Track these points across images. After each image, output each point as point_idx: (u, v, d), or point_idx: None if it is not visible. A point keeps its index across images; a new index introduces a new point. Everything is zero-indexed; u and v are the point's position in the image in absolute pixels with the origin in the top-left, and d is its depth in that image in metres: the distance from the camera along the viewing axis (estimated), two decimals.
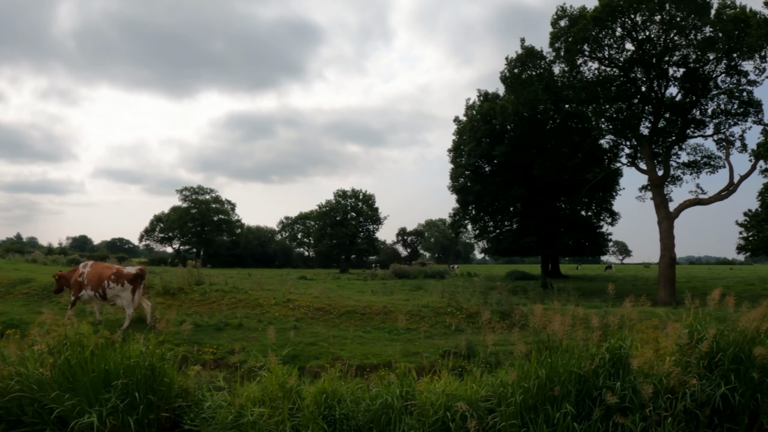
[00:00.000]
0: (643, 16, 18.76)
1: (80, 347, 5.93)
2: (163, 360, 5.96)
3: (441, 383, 5.71)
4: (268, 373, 5.63)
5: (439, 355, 7.99)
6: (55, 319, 6.91)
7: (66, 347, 5.97)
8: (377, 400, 5.43)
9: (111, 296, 9.30)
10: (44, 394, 5.59)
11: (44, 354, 6.14)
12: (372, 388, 5.61)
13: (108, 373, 5.63)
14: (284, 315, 9.98)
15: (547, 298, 14.36)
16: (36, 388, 5.61)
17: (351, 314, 10.07)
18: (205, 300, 11.27)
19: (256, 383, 5.64)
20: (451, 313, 10.26)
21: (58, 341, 6.09)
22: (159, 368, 5.82)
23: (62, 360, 5.76)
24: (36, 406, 5.56)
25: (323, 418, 5.46)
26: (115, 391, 5.47)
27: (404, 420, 5.32)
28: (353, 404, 5.48)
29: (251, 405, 5.37)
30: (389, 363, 7.45)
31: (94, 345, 6.01)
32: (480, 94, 23.76)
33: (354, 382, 5.84)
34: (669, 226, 18.90)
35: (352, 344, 8.43)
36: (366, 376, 7.10)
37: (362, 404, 5.48)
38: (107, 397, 5.44)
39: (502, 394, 5.61)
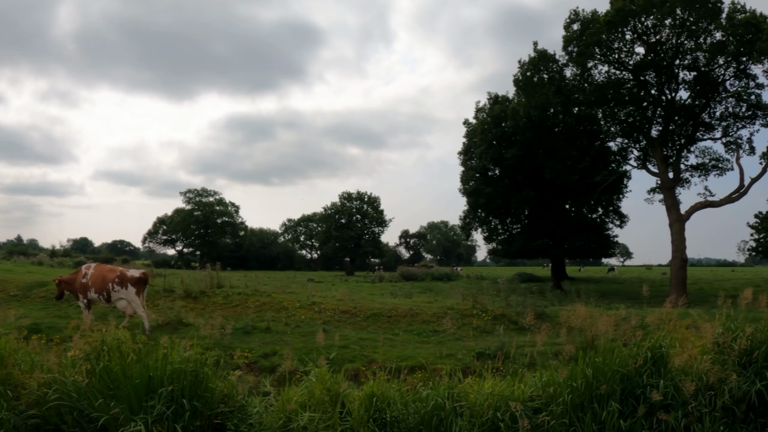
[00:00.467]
0: (654, 20, 18.92)
1: (119, 353, 5.78)
2: (206, 365, 5.94)
3: (488, 384, 5.79)
4: (315, 377, 5.65)
5: (473, 357, 8.04)
6: (90, 325, 6.89)
7: (104, 353, 5.83)
8: (429, 402, 5.48)
9: (115, 299, 9.21)
10: (85, 402, 5.42)
11: (80, 360, 5.92)
12: (422, 390, 5.66)
13: (151, 380, 5.48)
14: (310, 318, 10.00)
15: (565, 300, 14.45)
16: (76, 396, 5.44)
17: (377, 317, 10.10)
18: (228, 303, 11.27)
19: (304, 387, 5.65)
20: (476, 315, 10.30)
21: (95, 347, 5.91)
22: (203, 374, 5.68)
23: (102, 366, 5.60)
24: (75, 414, 5.42)
25: (373, 421, 5.51)
26: (159, 398, 5.32)
27: (455, 421, 5.38)
28: (403, 407, 5.52)
29: (300, 410, 5.39)
30: (424, 365, 7.49)
31: (134, 351, 5.89)
32: (490, 96, 23.93)
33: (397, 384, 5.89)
34: (680, 228, 19.00)
35: (383, 347, 8.46)
36: (403, 379, 7.14)
37: (412, 406, 5.53)
38: (152, 404, 5.27)
39: (552, 394, 5.72)
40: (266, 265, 64.32)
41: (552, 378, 5.92)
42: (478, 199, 22.80)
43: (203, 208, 59.38)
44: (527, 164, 21.50)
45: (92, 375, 5.63)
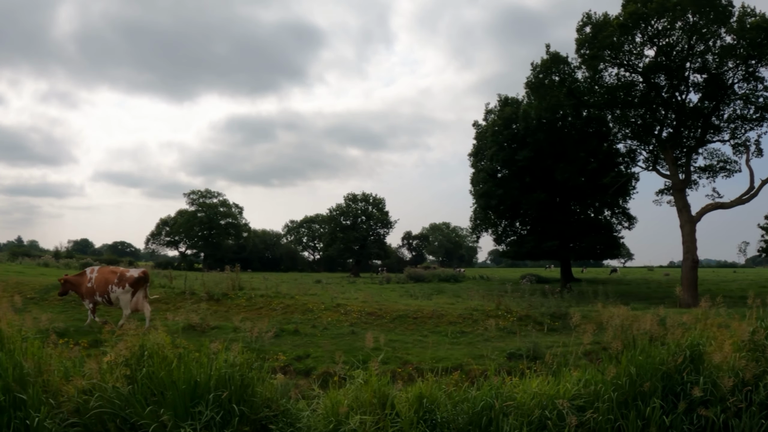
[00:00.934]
0: (666, 23, 19.07)
1: (160, 358, 5.66)
2: (252, 369, 5.91)
3: (535, 383, 5.89)
4: (362, 379, 5.68)
5: (505, 357, 8.11)
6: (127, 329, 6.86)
7: (145, 358, 5.68)
8: (478, 402, 5.55)
9: (114, 299, 9.29)
10: (128, 409, 5.28)
11: (120, 366, 5.77)
12: (470, 390, 5.72)
13: (197, 385, 5.36)
14: (337, 320, 10.04)
15: (582, 300, 14.51)
16: (118, 402, 5.31)
17: (403, 318, 10.15)
18: (251, 306, 11.29)
19: (351, 390, 5.68)
20: (501, 316, 10.37)
21: (134, 352, 5.73)
22: (248, 378, 5.56)
23: (145, 372, 5.49)
24: (118, 421, 5.29)
25: (422, 422, 5.56)
26: (207, 404, 5.20)
27: (505, 420, 5.46)
28: (452, 407, 5.58)
29: (351, 413, 5.40)
30: (459, 366, 7.54)
31: (176, 355, 5.77)
32: (500, 98, 24.06)
33: (444, 385, 5.95)
34: (691, 230, 19.12)
35: (414, 348, 8.51)
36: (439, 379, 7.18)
37: (461, 407, 5.59)
38: (199, 410, 5.15)
39: (596, 392, 5.86)
40: (269, 266, 64.29)
41: (595, 376, 6.09)
42: (490, 201, 22.89)
43: (207, 210, 59.32)
44: (538, 166, 21.61)
45: (133, 381, 5.51)
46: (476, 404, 5.59)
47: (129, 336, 6.37)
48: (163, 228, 63.25)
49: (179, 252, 63.33)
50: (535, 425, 5.42)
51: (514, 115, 21.99)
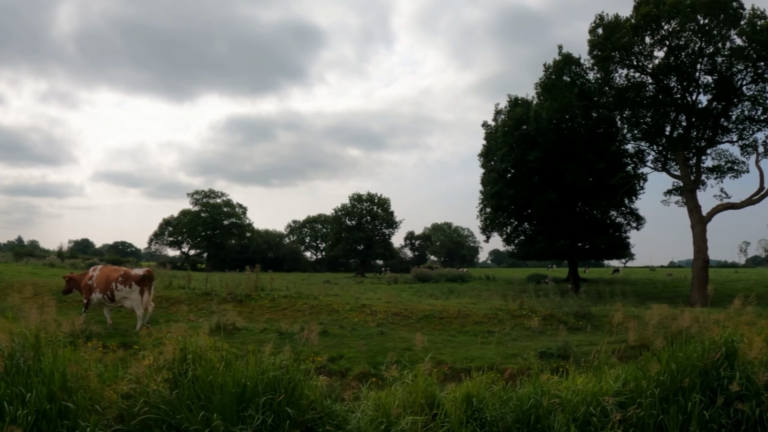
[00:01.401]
0: (677, 25, 19.22)
1: (207, 361, 5.53)
2: (299, 371, 5.88)
3: (579, 380, 6.03)
4: (410, 380, 5.74)
5: (536, 356, 8.20)
6: (173, 331, 6.82)
7: (189, 362, 5.53)
8: (526, 400, 5.65)
9: (119, 298, 9.34)
10: (175, 414, 5.12)
11: (163, 369, 5.61)
12: (517, 389, 5.81)
13: (245, 389, 5.27)
14: (364, 320, 10.10)
15: (599, 300, 14.60)
16: (164, 408, 5.17)
17: (429, 318, 10.24)
18: (276, 306, 11.32)
19: (401, 390, 5.72)
20: (526, 315, 10.47)
21: (176, 356, 5.60)
22: (295, 380, 5.46)
23: (191, 376, 5.36)
24: (164, 427, 5.15)
25: (471, 421, 5.64)
26: (257, 407, 5.12)
27: (555, 417, 5.58)
28: (500, 405, 5.67)
29: (403, 413, 5.44)
30: (493, 365, 7.63)
31: (220, 358, 5.62)
32: (510, 99, 24.19)
33: (490, 383, 6.04)
34: (702, 230, 19.29)
35: (445, 348, 8.59)
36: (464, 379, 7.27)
37: (509, 405, 5.69)
38: (250, 414, 5.07)
39: (636, 388, 6.04)
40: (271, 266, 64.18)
41: (635, 373, 6.29)
42: (501, 201, 23.03)
43: (210, 210, 59.28)
44: (549, 166, 21.76)
45: (177, 385, 5.38)
46: (523, 402, 5.70)
47: (168, 339, 6.36)
48: (166, 228, 63.19)
49: (182, 252, 63.35)
50: (579, 422, 5.59)
51: (524, 116, 22.13)
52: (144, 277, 9.41)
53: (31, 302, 10.12)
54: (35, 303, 10.41)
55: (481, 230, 26.10)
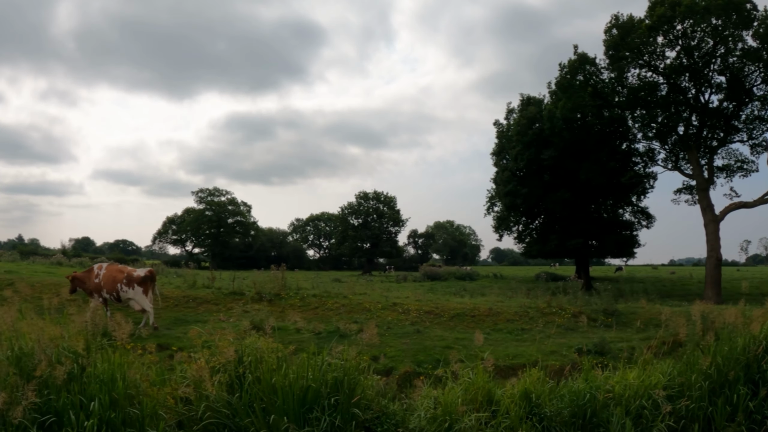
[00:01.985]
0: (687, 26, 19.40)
1: (269, 363, 5.47)
2: (360, 372, 5.58)
3: (631, 375, 6.23)
4: (469, 377, 5.86)
5: (574, 353, 8.36)
6: (222, 333, 6.77)
7: (247, 363, 5.49)
8: (583, 395, 5.81)
9: (125, 299, 9.45)
10: (236, 418, 5.04)
11: (220, 372, 5.49)
12: (572, 384, 5.98)
13: (308, 390, 5.25)
14: (398, 319, 10.23)
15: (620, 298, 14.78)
16: (225, 411, 5.09)
17: (461, 317, 10.39)
18: (306, 306, 11.40)
19: (461, 388, 5.83)
20: (556, 313, 10.64)
21: (229, 358, 5.51)
22: (356, 380, 5.51)
23: (252, 378, 5.30)
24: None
25: (533, 416, 5.80)
26: (323, 409, 5.12)
27: (610, 411, 5.76)
28: (558, 401, 5.83)
29: (469, 411, 5.53)
30: (535, 362, 7.78)
31: (278, 359, 5.55)
32: (522, 98, 24.35)
33: (540, 379, 6.19)
34: (715, 229, 19.52)
35: (483, 346, 8.74)
36: (519, 375, 7.43)
37: (565, 400, 5.85)
38: (316, 415, 5.09)
39: (689, 381, 6.28)
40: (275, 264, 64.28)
41: (682, 367, 6.53)
42: (515, 200, 23.23)
43: (215, 208, 59.30)
44: (562, 165, 21.95)
45: (235, 388, 5.31)
46: (579, 397, 5.87)
47: (222, 340, 6.32)
48: (170, 226, 63.16)
49: (186, 251, 63.33)
50: (632, 415, 5.81)
51: (537, 115, 22.30)
52: (146, 278, 9.46)
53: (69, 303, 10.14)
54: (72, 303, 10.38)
55: (493, 229, 26.30)
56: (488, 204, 32.55)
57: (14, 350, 5.24)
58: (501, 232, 26.19)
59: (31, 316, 6.60)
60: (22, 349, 5.27)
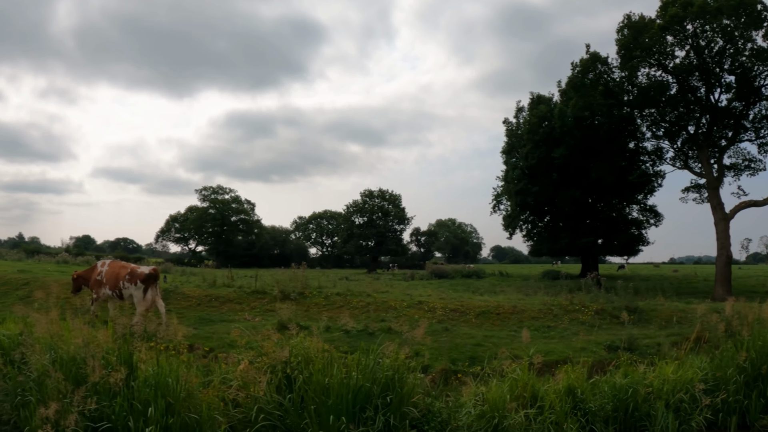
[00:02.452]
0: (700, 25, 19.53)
1: (320, 363, 5.53)
2: (409, 371, 5.77)
3: (668, 369, 6.41)
4: (516, 375, 6.00)
5: (603, 349, 8.52)
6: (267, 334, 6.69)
7: (295, 364, 5.56)
8: (626, 390, 5.99)
9: (126, 296, 9.47)
10: (287, 419, 5.09)
11: (266, 372, 5.54)
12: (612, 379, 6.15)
13: (360, 390, 5.30)
14: (424, 317, 10.34)
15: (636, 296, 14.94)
16: (278, 413, 5.11)
17: (487, 315, 10.53)
18: (331, 304, 11.49)
19: (507, 385, 5.94)
20: (579, 310, 10.80)
21: (282, 359, 5.59)
22: (404, 379, 5.65)
23: (302, 380, 5.32)
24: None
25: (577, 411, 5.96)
26: (376, 408, 5.21)
27: (651, 405, 5.94)
28: (600, 396, 6.00)
29: (518, 407, 5.64)
30: (567, 358, 7.94)
31: (326, 360, 5.62)
32: (533, 96, 24.48)
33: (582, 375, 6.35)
34: (725, 227, 19.71)
35: (513, 343, 8.88)
36: (554, 372, 7.58)
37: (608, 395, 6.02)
38: (368, 415, 5.16)
39: (725, 375, 6.51)
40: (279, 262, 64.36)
41: (718, 362, 6.81)
42: (526, 198, 23.39)
43: (219, 206, 59.28)
44: (573, 164, 22.13)
45: (283, 389, 5.33)
46: (621, 392, 6.05)
47: (267, 341, 6.31)
48: (173, 224, 63.12)
49: (189, 249, 63.29)
50: (671, 408, 6.02)
51: (548, 114, 22.45)
52: (149, 276, 9.47)
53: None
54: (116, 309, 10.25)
55: (503, 227, 26.49)
56: (494, 202, 32.74)
57: (62, 356, 5.29)
58: (511, 230, 26.36)
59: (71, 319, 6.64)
60: (70, 354, 5.30)
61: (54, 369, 5.05)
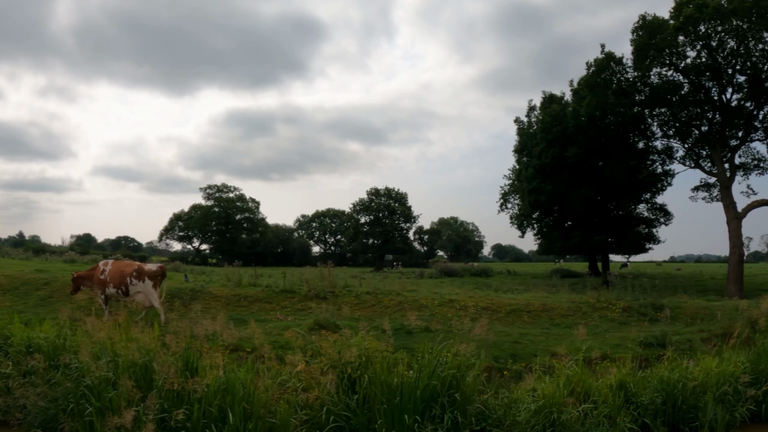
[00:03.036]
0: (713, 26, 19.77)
1: (386, 364, 5.63)
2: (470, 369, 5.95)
3: (710, 363, 6.68)
4: (570, 371, 6.22)
5: (637, 345, 8.74)
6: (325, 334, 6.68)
7: (358, 365, 5.65)
8: (673, 384, 6.23)
9: (133, 293, 9.54)
10: (354, 420, 5.18)
11: (327, 373, 5.64)
12: (660, 373, 6.39)
13: (425, 388, 5.40)
14: (457, 315, 10.50)
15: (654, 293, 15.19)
16: (346, 414, 5.20)
17: (518, 312, 10.74)
18: (362, 303, 11.58)
19: (563, 381, 6.13)
20: (607, 308, 11.02)
21: (350, 360, 5.66)
22: (468, 377, 5.85)
23: (367, 379, 5.42)
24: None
25: (629, 405, 6.18)
26: (442, 406, 5.34)
27: (699, 397, 6.20)
28: (651, 391, 6.23)
29: (577, 402, 5.84)
30: (605, 355, 8.15)
31: (387, 360, 5.70)
32: (545, 95, 24.74)
33: (631, 371, 6.58)
34: (738, 226, 20.03)
35: (548, 340, 9.08)
36: (593, 368, 7.78)
37: (656, 389, 6.26)
38: (435, 413, 5.29)
39: (767, 369, 6.78)
40: (282, 261, 64.54)
41: (756, 356, 7.20)
42: (539, 197, 23.69)
43: (223, 204, 59.37)
44: (586, 163, 22.42)
45: (345, 389, 5.40)
46: (669, 385, 6.29)
47: (324, 342, 6.40)
48: (176, 223, 63.16)
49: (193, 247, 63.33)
50: (716, 400, 6.28)
51: (561, 113, 22.72)
52: (157, 272, 9.59)
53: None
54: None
55: (516, 226, 26.82)
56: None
57: (123, 362, 5.32)
58: (523, 229, 26.67)
59: (129, 324, 6.65)
60: (134, 360, 5.36)
61: (122, 376, 5.06)
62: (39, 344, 6.83)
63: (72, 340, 6.97)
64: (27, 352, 6.71)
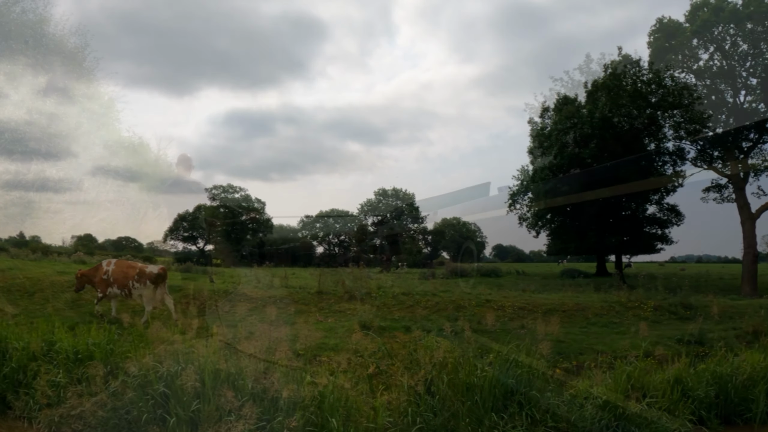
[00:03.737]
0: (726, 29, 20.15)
1: (467, 367, 5.76)
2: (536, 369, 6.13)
3: (756, 358, 7.00)
4: (632, 366, 6.53)
5: (675, 342, 9.05)
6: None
7: (433, 367, 5.77)
8: (727, 378, 6.56)
9: (136, 295, 9.84)
10: (435, 420, 5.31)
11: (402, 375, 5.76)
12: (712, 368, 6.70)
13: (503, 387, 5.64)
14: (496, 315, 10.80)
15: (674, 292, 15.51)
16: (427, 415, 5.37)
17: (554, 312, 11.00)
18: (400, 304, 11.80)
19: (623, 377, 6.41)
20: (638, 307, 11.35)
21: (435, 362, 5.79)
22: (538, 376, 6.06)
23: (447, 380, 5.57)
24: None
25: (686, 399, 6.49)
26: (519, 405, 5.57)
27: (750, 390, 6.51)
28: (705, 385, 6.54)
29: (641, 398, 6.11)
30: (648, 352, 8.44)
31: (463, 361, 5.87)
32: (559, 96, 25.11)
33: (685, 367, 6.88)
34: (752, 226, 20.50)
35: (589, 339, 9.40)
36: None
37: (710, 383, 6.57)
38: (511, 412, 5.50)
39: None
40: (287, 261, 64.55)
41: None
42: (554, 198, 24.02)
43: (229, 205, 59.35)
44: (601, 164, 22.76)
45: (424, 392, 5.51)
46: (724, 379, 6.62)
47: (395, 343, 6.64)
48: (181, 223, 63.10)
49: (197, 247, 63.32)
50: (764, 393, 6.59)
51: (576, 114, 23.08)
52: (159, 275, 9.81)
53: None
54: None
55: (530, 226, 27.19)
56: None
57: (229, 370, 5.43)
58: (538, 230, 27.09)
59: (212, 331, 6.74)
60: (226, 369, 5.45)
61: (221, 385, 5.15)
62: (91, 351, 6.68)
63: (119, 345, 6.93)
64: (75, 359, 6.60)
